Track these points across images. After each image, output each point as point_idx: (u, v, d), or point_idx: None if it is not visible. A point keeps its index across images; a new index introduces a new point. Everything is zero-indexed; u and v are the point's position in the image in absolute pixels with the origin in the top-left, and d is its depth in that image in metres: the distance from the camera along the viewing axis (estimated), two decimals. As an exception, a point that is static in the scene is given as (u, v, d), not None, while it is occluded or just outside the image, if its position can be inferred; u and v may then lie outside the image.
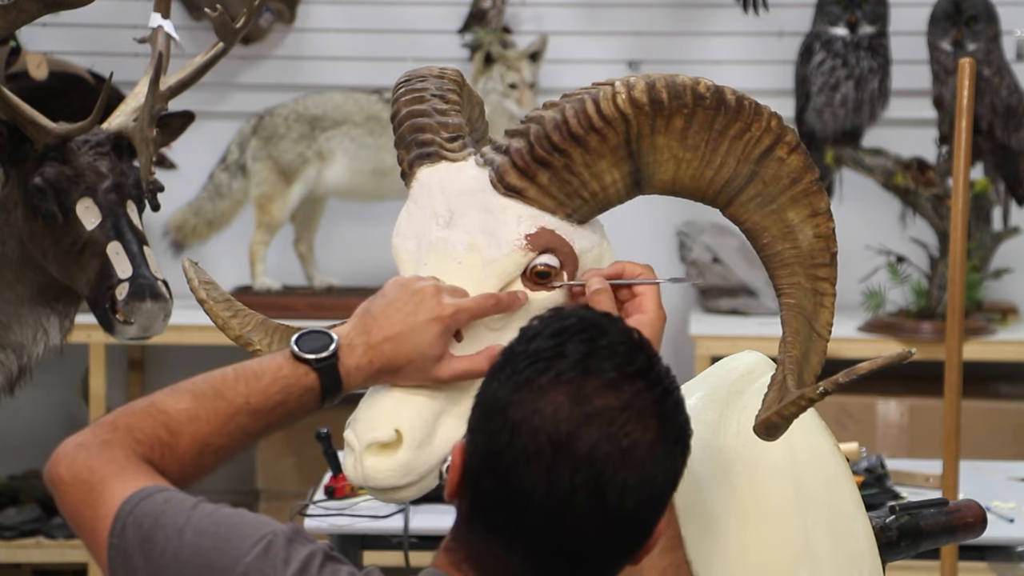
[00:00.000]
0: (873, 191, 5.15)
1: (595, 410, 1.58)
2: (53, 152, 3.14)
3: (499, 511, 1.60)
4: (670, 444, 1.61)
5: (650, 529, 1.64)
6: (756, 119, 1.87)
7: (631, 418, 1.59)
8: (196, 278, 2.09)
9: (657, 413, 1.60)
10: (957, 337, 3.27)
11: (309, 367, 1.78)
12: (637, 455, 1.58)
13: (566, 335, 1.62)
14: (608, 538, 1.60)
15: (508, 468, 1.58)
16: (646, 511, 1.61)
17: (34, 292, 3.24)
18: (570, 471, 1.57)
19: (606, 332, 1.63)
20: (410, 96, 1.97)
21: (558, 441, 1.57)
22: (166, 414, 1.73)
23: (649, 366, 1.63)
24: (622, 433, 1.58)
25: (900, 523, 2.32)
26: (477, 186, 1.88)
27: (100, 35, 5.17)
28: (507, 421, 1.59)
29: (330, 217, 5.30)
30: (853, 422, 4.94)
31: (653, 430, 1.59)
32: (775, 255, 1.92)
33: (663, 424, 1.60)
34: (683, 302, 5.44)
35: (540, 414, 1.58)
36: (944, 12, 4.97)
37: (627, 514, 1.59)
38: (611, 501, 1.57)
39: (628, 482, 1.58)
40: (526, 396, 1.59)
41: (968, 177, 3.30)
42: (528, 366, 1.60)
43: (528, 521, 1.58)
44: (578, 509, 1.57)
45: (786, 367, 1.89)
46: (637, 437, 1.58)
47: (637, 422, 1.59)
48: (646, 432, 1.59)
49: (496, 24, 5.26)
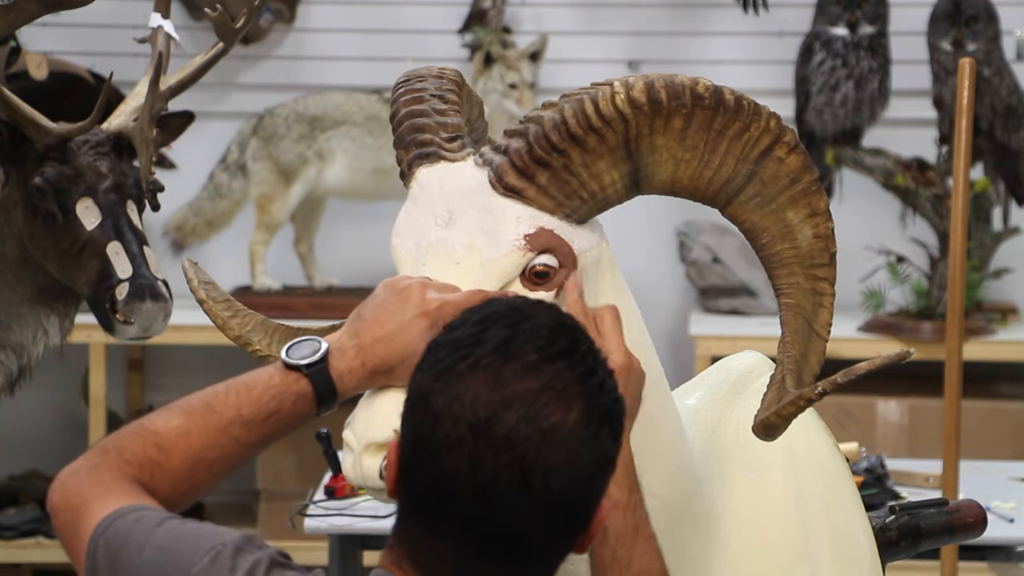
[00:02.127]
0: (873, 191, 5.15)
1: (513, 393, 1.56)
2: (53, 152, 3.15)
3: (429, 503, 1.59)
4: (595, 424, 1.58)
5: (587, 513, 1.61)
6: (755, 119, 1.87)
7: (551, 399, 1.56)
8: (196, 278, 2.09)
9: (580, 393, 1.58)
10: (957, 337, 3.27)
11: (300, 373, 1.78)
12: (560, 436, 1.56)
13: (489, 321, 1.61)
14: (540, 522, 1.57)
15: (433, 458, 1.57)
16: (577, 493, 1.58)
17: (34, 292, 3.24)
18: (492, 456, 1.55)
19: (530, 317, 1.62)
20: (409, 96, 1.97)
21: (477, 427, 1.55)
22: (156, 433, 1.73)
23: (572, 347, 1.60)
24: (542, 415, 1.56)
25: (900, 523, 2.32)
26: (476, 186, 1.88)
27: (100, 35, 5.17)
28: (429, 411, 1.58)
29: (330, 217, 5.30)
30: (853, 422, 4.94)
31: (576, 410, 1.57)
32: (774, 255, 1.92)
33: (587, 404, 1.58)
34: (683, 302, 5.45)
35: (460, 401, 1.57)
36: (944, 12, 4.97)
37: (556, 497, 1.56)
38: (536, 484, 1.55)
39: (552, 463, 1.55)
40: (446, 384, 1.58)
41: (968, 177, 3.30)
42: (449, 354, 1.59)
43: (456, 510, 1.57)
44: (504, 494, 1.55)
45: (785, 367, 1.89)
46: (559, 418, 1.56)
47: (558, 403, 1.56)
48: (568, 412, 1.57)
49: (496, 24, 5.26)
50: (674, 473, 1.95)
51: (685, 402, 2.10)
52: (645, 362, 1.95)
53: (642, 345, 1.96)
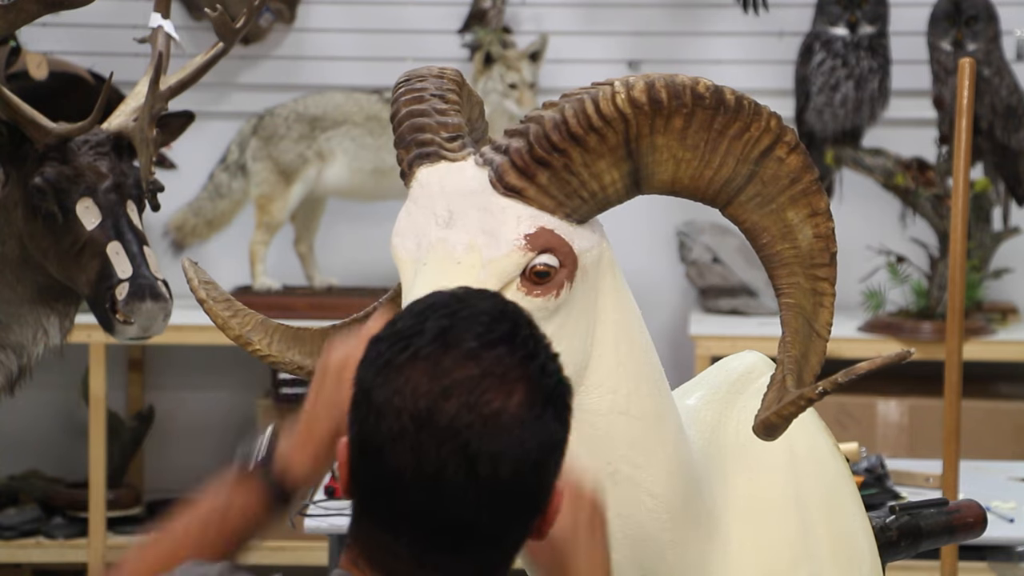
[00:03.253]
0: (873, 191, 5.15)
1: (453, 382, 1.55)
2: (53, 152, 3.15)
3: (378, 499, 1.58)
4: (539, 407, 1.57)
5: (538, 498, 1.60)
6: (755, 119, 1.87)
7: (492, 385, 1.55)
8: (196, 278, 2.09)
9: (521, 377, 1.57)
10: (957, 337, 3.27)
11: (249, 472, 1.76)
12: (502, 421, 1.55)
13: (429, 312, 1.60)
14: (488, 510, 1.56)
15: (379, 453, 1.56)
16: (524, 478, 1.57)
17: (34, 292, 3.24)
18: (435, 446, 1.54)
19: (470, 305, 1.61)
20: (410, 96, 1.97)
21: (419, 417, 1.54)
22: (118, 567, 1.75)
23: (513, 332, 1.59)
24: (483, 401, 1.55)
25: (900, 523, 2.32)
26: (476, 186, 1.88)
27: (100, 35, 5.17)
28: (372, 405, 1.57)
29: (330, 217, 5.30)
30: (853, 422, 4.94)
31: (518, 394, 1.56)
32: (774, 255, 1.92)
33: (529, 387, 1.57)
34: (683, 302, 5.45)
35: (400, 393, 1.56)
36: (944, 12, 4.97)
37: (503, 483, 1.55)
38: (483, 471, 1.54)
39: (496, 449, 1.54)
40: (387, 377, 1.57)
41: (968, 177, 3.30)
42: (389, 347, 1.59)
43: (405, 504, 1.56)
44: (450, 483, 1.54)
45: (785, 367, 1.89)
46: (500, 403, 1.55)
47: (499, 388, 1.55)
48: (510, 397, 1.55)
49: (496, 24, 5.26)
50: (675, 473, 1.95)
51: (685, 402, 2.10)
52: (646, 362, 1.96)
53: (643, 345, 1.96)
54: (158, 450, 5.36)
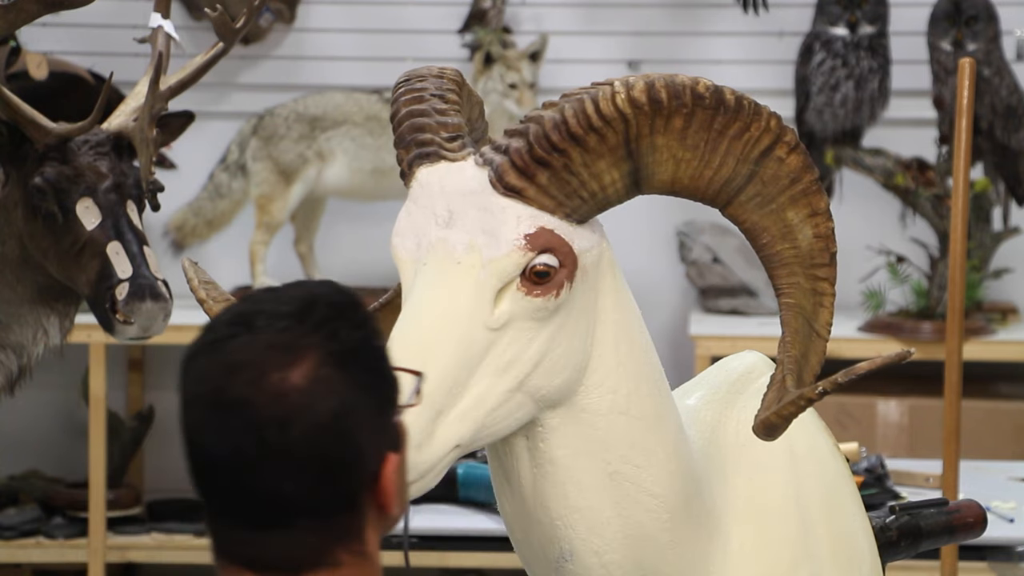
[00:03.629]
0: (873, 191, 5.15)
1: (237, 360, 1.55)
2: (53, 152, 3.15)
3: (203, 489, 1.59)
4: (328, 372, 1.56)
5: (350, 466, 1.58)
6: (755, 119, 1.87)
7: (275, 357, 1.55)
8: (196, 278, 2.09)
9: (309, 346, 1.56)
10: (957, 337, 3.27)
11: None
12: (285, 390, 1.54)
13: (237, 304, 1.63)
14: (294, 480, 1.55)
15: (189, 447, 1.58)
16: (323, 445, 1.55)
17: (34, 292, 3.24)
18: (228, 425, 1.54)
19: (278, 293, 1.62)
20: (409, 96, 1.98)
21: (210, 400, 1.56)
22: None
23: (305, 309, 1.59)
24: (267, 373, 1.54)
25: (900, 523, 2.32)
26: (476, 186, 1.88)
27: (100, 35, 5.17)
28: (180, 399, 1.59)
29: (330, 217, 5.30)
30: (853, 422, 4.94)
31: (306, 363, 1.55)
32: (774, 255, 1.92)
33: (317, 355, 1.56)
34: (683, 302, 5.45)
35: (195, 380, 1.57)
36: (944, 12, 4.97)
37: (299, 450, 1.54)
38: (274, 441, 1.54)
39: (284, 418, 1.54)
40: (186, 368, 1.59)
41: (968, 177, 3.30)
42: (194, 341, 1.61)
43: (220, 487, 1.57)
44: (250, 459, 1.54)
45: (785, 367, 1.89)
46: (284, 373, 1.55)
47: (283, 360, 1.55)
48: (294, 367, 1.55)
49: (496, 24, 5.26)
50: (675, 472, 1.95)
51: (685, 402, 2.10)
52: (646, 362, 1.96)
53: (643, 345, 1.96)
54: (158, 450, 5.36)
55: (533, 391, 1.88)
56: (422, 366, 1.82)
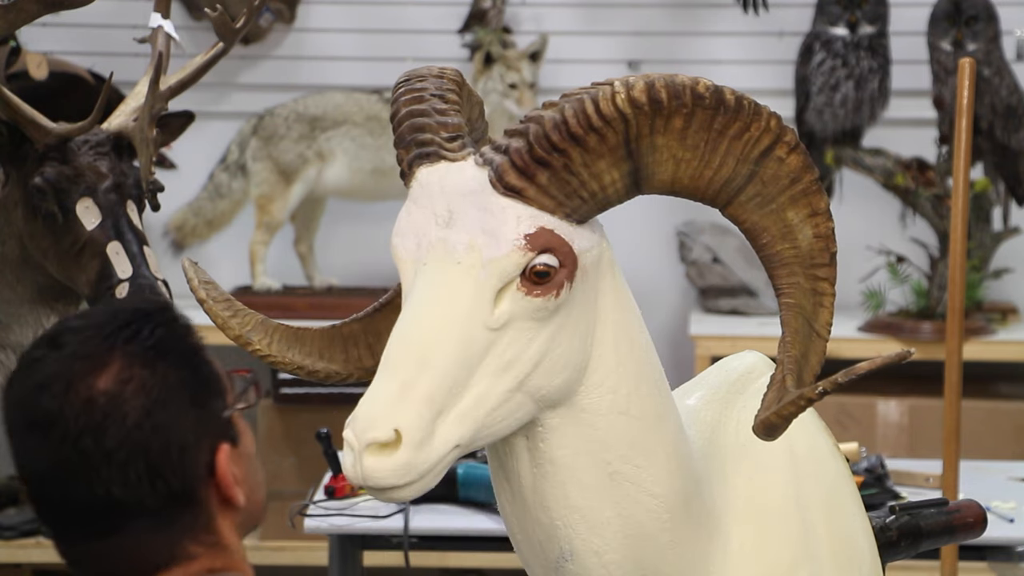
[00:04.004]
0: (873, 191, 5.15)
1: (46, 376, 1.59)
2: (53, 152, 3.14)
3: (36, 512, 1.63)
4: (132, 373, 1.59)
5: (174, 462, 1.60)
6: (755, 119, 1.87)
7: (81, 368, 1.59)
8: (196, 278, 2.09)
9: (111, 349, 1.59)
10: (957, 337, 3.27)
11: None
12: (95, 397, 1.58)
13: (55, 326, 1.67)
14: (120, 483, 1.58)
15: (20, 468, 1.62)
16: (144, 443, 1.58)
17: (34, 292, 3.24)
18: (44, 439, 1.58)
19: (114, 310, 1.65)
20: (409, 96, 1.97)
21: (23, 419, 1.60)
22: None
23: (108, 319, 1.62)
24: (75, 384, 1.58)
25: (900, 523, 2.32)
26: (476, 186, 1.88)
27: (100, 35, 5.17)
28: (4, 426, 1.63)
29: (330, 217, 5.30)
30: (853, 422, 4.94)
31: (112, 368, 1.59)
32: (774, 255, 1.92)
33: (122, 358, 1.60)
34: (683, 302, 5.45)
35: (9, 403, 1.62)
36: (944, 12, 4.97)
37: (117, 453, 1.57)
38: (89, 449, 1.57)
39: (96, 426, 1.57)
40: (5, 393, 1.63)
41: (968, 177, 3.30)
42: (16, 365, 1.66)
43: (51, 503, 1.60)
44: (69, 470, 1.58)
45: (785, 367, 1.89)
46: (91, 381, 1.58)
47: (89, 369, 1.59)
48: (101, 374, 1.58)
49: (496, 24, 5.25)
50: (675, 472, 1.95)
51: (685, 402, 2.10)
52: (646, 362, 1.96)
53: (643, 344, 1.96)
54: (158, 450, 5.35)
55: (533, 391, 1.88)
56: (422, 366, 1.82)
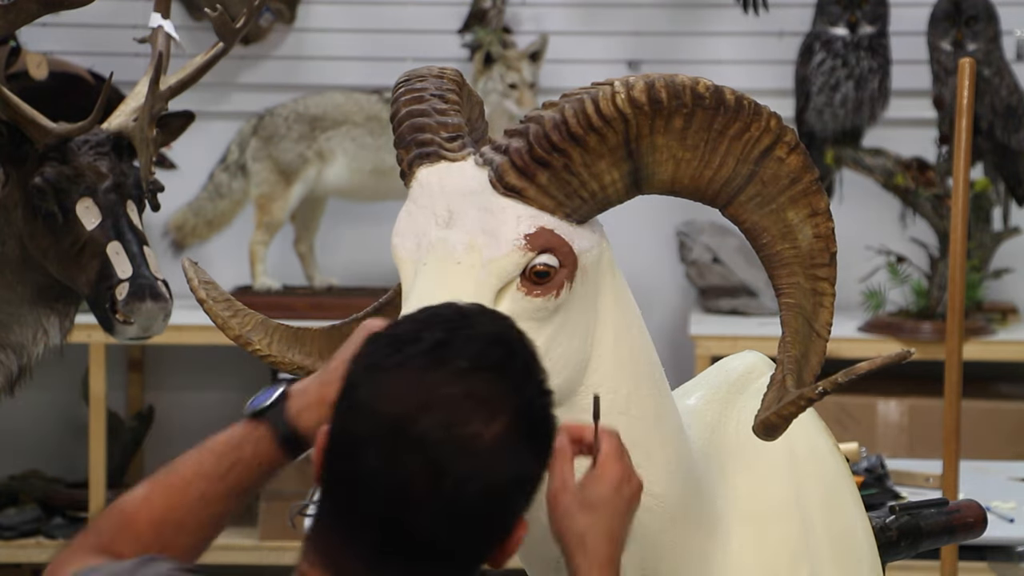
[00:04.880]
0: (873, 191, 5.15)
1: (435, 397, 1.55)
2: (53, 152, 3.15)
3: (342, 495, 1.58)
4: (516, 440, 1.57)
5: (500, 528, 1.59)
6: (755, 119, 1.87)
7: (472, 408, 1.55)
8: (196, 278, 2.09)
9: (506, 407, 1.56)
10: (957, 337, 3.27)
11: (258, 419, 1.76)
12: (476, 446, 1.54)
13: (431, 321, 1.61)
14: (447, 530, 1.56)
15: (350, 450, 1.56)
16: (490, 506, 1.57)
17: (34, 292, 3.24)
18: (406, 456, 1.54)
19: (473, 325, 1.61)
20: (409, 96, 1.97)
21: (394, 425, 1.54)
22: (122, 504, 1.75)
23: (505, 360, 1.59)
24: (460, 422, 1.54)
25: (900, 523, 2.32)
26: (476, 186, 1.88)
27: (100, 35, 5.17)
28: (354, 401, 1.58)
29: (330, 217, 5.30)
30: (853, 422, 4.94)
31: (499, 423, 1.55)
32: (774, 255, 1.92)
33: (512, 419, 1.56)
34: (683, 302, 5.45)
35: (381, 397, 1.56)
36: (944, 12, 4.97)
37: (467, 506, 1.55)
38: (447, 490, 1.54)
39: (466, 473, 1.54)
40: (374, 377, 1.57)
41: (968, 177, 3.30)
42: (382, 348, 1.59)
43: (367, 507, 1.56)
44: (414, 496, 1.54)
45: (785, 367, 1.89)
46: (478, 428, 1.54)
47: (479, 412, 1.55)
48: (490, 424, 1.55)
49: (496, 24, 5.25)
50: (674, 473, 1.95)
51: (685, 402, 2.10)
52: (646, 362, 1.96)
53: (643, 345, 1.96)
54: (158, 450, 5.35)
55: (533, 391, 1.88)
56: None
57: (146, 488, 1.76)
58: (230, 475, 1.74)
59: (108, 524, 1.74)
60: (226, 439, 1.76)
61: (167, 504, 1.74)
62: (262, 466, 1.76)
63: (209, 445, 1.77)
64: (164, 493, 1.74)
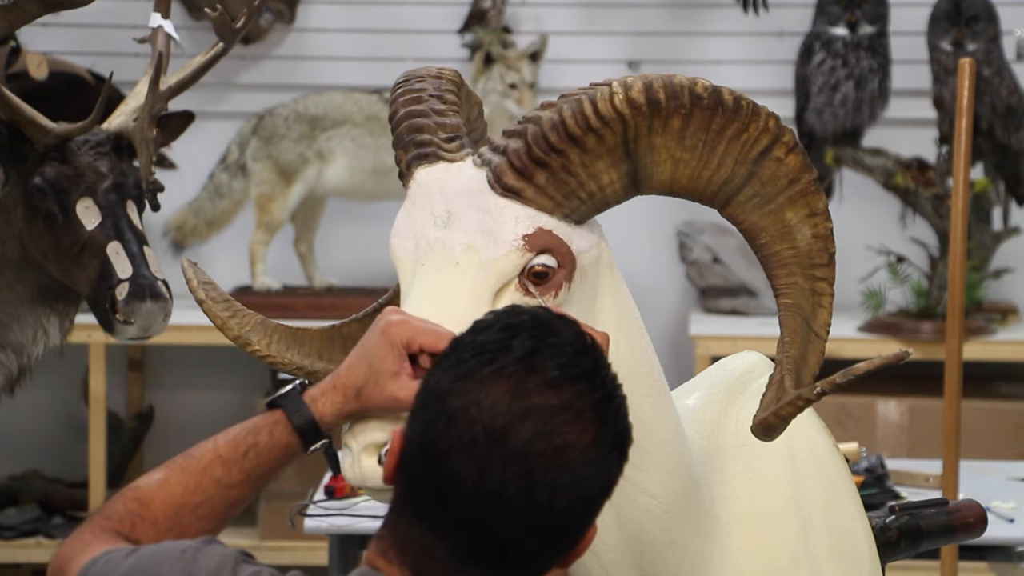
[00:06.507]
0: (873, 191, 5.15)
1: (532, 406, 1.58)
2: (53, 152, 3.15)
3: (430, 499, 1.61)
4: (606, 449, 1.61)
5: (579, 533, 1.64)
6: (754, 119, 1.87)
7: (569, 418, 1.59)
8: (195, 278, 2.09)
9: (596, 417, 1.61)
10: (957, 337, 3.27)
11: (275, 408, 1.80)
12: (571, 456, 1.59)
13: (516, 330, 1.63)
14: (534, 536, 1.60)
15: (442, 456, 1.59)
16: (575, 513, 1.62)
17: (34, 292, 3.24)
18: (502, 464, 1.57)
19: (556, 332, 1.64)
20: (408, 96, 1.97)
21: (493, 433, 1.58)
22: (137, 488, 1.78)
23: (594, 370, 1.63)
24: (557, 432, 1.58)
25: (900, 523, 2.32)
26: (475, 186, 1.88)
27: (100, 35, 5.18)
28: (445, 409, 1.60)
29: (330, 217, 5.30)
30: (853, 422, 4.94)
31: (590, 433, 1.60)
32: (773, 255, 1.92)
33: (601, 428, 1.61)
34: (683, 302, 5.45)
35: (478, 405, 1.59)
36: (944, 12, 4.97)
37: (555, 514, 1.60)
38: (540, 498, 1.58)
39: (559, 481, 1.58)
40: (466, 386, 1.60)
41: (968, 177, 3.30)
42: (473, 357, 1.61)
43: (457, 511, 1.59)
44: (507, 503, 1.58)
45: (784, 367, 1.89)
46: (572, 438, 1.59)
47: (574, 423, 1.59)
48: (583, 434, 1.59)
49: (496, 24, 5.26)
50: (673, 473, 1.95)
51: (685, 402, 2.10)
52: (644, 362, 1.96)
53: (641, 345, 1.96)
54: (158, 450, 5.36)
55: (532, 391, 1.88)
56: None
57: (163, 472, 1.78)
58: (246, 461, 1.78)
59: (123, 508, 1.76)
60: (242, 426, 1.80)
61: (184, 488, 1.77)
62: (278, 451, 1.80)
63: (225, 432, 1.80)
64: (181, 477, 1.77)
